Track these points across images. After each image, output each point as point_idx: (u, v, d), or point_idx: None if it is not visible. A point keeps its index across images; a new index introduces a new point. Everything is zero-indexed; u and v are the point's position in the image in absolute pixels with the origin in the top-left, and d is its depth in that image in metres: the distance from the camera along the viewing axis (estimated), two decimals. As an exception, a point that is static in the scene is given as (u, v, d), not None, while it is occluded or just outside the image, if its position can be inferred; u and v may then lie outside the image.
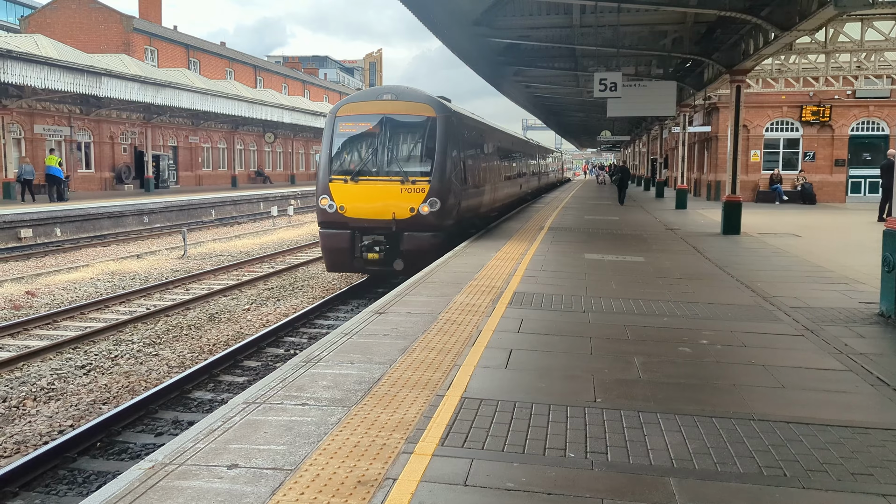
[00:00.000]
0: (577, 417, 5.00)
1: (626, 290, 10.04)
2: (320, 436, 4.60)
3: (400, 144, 14.11)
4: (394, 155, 13.92)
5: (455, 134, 14.53)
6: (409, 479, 3.99)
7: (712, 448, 4.51)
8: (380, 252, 13.75)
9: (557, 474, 4.12)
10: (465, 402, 5.27)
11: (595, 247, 15.18)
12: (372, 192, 13.77)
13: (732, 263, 12.92)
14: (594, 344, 7.06)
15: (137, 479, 3.98)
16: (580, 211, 26.73)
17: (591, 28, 20.02)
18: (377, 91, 14.94)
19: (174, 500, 3.74)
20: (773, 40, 15.43)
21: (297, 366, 6.17)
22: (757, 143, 33.64)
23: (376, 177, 13.82)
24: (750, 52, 17.36)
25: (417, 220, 13.62)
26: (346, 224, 13.91)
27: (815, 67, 24.80)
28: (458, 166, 14.55)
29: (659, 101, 22.03)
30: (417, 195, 13.62)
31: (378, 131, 14.01)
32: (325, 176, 14.00)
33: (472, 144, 16.71)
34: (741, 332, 7.67)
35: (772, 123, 33.70)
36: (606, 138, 55.37)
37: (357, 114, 14.36)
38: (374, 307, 8.70)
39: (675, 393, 5.59)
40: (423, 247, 13.63)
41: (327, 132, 14.32)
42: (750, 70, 19.34)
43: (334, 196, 13.88)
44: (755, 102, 32.52)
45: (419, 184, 13.64)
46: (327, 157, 14.15)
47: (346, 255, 14.05)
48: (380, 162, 13.91)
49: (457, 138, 14.64)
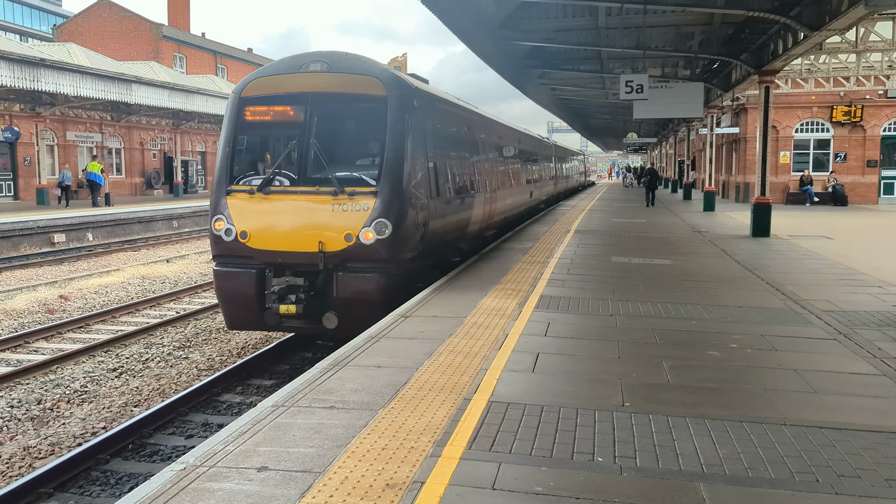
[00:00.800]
0: (605, 422, 4.98)
1: (653, 293, 9.97)
2: (348, 439, 4.63)
3: (334, 138, 9.62)
4: (324, 154, 9.28)
5: (420, 123, 10.00)
6: (438, 483, 4.01)
7: (743, 453, 4.46)
8: (299, 302, 9.05)
9: (586, 479, 4.10)
10: (493, 406, 5.27)
11: (622, 250, 15.09)
12: (289, 212, 9.21)
13: (762, 266, 12.76)
14: (622, 347, 7.01)
15: (169, 480, 4.04)
16: (607, 214, 26.58)
17: (616, 30, 19.93)
18: (301, 59, 9.96)
19: (205, 501, 3.79)
20: (802, 40, 15.23)
21: (325, 369, 6.21)
22: (786, 144, 33.23)
23: (297, 188, 9.29)
24: (779, 52, 17.16)
25: (358, 253, 9.05)
26: (250, 259, 9.30)
27: (846, 67, 24.43)
28: (425, 170, 10.04)
29: (686, 103, 21.87)
30: (358, 215, 9.05)
31: (301, 118, 9.51)
32: (220, 188, 9.55)
33: (451, 140, 12.37)
34: (772, 335, 7.58)
35: (801, 124, 33.26)
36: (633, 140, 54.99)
37: (271, 93, 9.77)
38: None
39: (704, 397, 5.54)
40: (367, 294, 9.15)
41: (227, 122, 9.83)
42: (779, 70, 19.11)
43: (234, 217, 9.31)
44: (784, 103, 32.12)
45: (360, 197, 9.10)
46: (226, 158, 9.65)
47: (251, 306, 9.38)
48: (302, 165, 9.42)
49: (423, 129, 10.14)
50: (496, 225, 17.22)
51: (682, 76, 25.67)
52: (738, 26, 19.60)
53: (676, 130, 45.39)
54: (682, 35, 21.70)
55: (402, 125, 9.51)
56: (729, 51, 20.51)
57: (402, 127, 9.52)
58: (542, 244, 15.87)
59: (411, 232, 9.53)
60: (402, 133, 9.50)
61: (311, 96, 9.54)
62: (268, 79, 9.90)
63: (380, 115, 9.45)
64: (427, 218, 9.98)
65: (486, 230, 15.72)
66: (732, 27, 19.95)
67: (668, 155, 59.04)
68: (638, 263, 12.98)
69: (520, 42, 21.18)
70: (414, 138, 9.69)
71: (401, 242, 9.28)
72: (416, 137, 9.75)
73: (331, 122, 9.62)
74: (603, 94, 33.82)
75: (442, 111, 12.08)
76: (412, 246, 9.64)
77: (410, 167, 9.51)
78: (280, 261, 9.22)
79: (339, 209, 9.13)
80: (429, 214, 10.06)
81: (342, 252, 9.09)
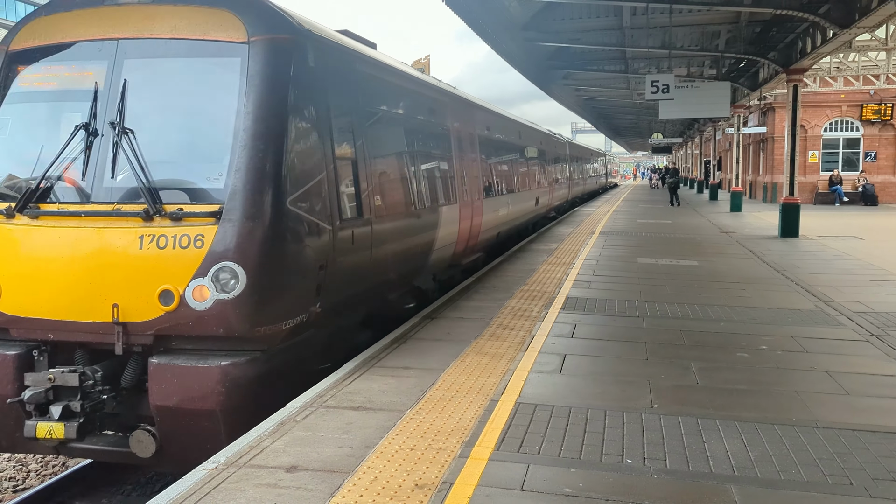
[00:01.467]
0: (633, 423, 4.95)
1: (681, 294, 9.89)
2: (377, 439, 4.66)
3: (153, 117, 5.86)
4: (133, 145, 5.66)
5: (318, 94, 6.37)
6: (466, 484, 4.01)
7: (775, 455, 4.41)
8: (71, 417, 5.38)
9: (615, 480, 4.08)
10: (520, 408, 5.26)
11: (648, 251, 14.98)
12: (66, 249, 5.54)
13: (791, 267, 12.60)
14: (649, 349, 6.97)
15: (202, 479, 4.09)
16: (632, 215, 26.41)
17: (641, 30, 19.81)
18: None
19: (236, 500, 3.83)
20: (831, 38, 15.03)
21: (353, 370, 6.25)
22: (815, 143, 32.79)
23: (82, 206, 5.65)
24: (807, 50, 16.95)
25: (186, 324, 5.45)
26: (3, 332, 5.75)
27: (876, 65, 24.09)
28: (327, 173, 6.31)
29: (712, 102, 21.64)
30: (184, 255, 5.40)
31: (100, 84, 5.88)
32: None
33: (394, 126, 8.60)
34: (802, 337, 7.48)
35: (830, 123, 32.80)
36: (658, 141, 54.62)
37: (57, 41, 6.08)
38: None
39: (734, 399, 5.49)
40: (204, 399, 5.38)
41: None
42: (807, 69, 18.88)
43: None
44: (813, 102, 31.70)
45: (191, 222, 5.47)
46: None
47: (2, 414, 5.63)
48: (95, 166, 5.75)
49: (326, 105, 6.46)
50: (485, 244, 13.50)
51: (709, 75, 25.44)
52: (765, 25, 19.39)
53: (702, 130, 44.99)
54: (709, 34, 21.51)
55: (277, 94, 5.71)
56: (756, 50, 20.29)
57: (278, 97, 5.72)
58: (567, 245, 15.81)
59: (291, 282, 5.77)
60: (278, 107, 5.71)
61: (118, 46, 5.85)
62: (53, 19, 6.08)
63: (233, 76, 5.68)
64: (330, 253, 6.23)
65: (467, 254, 12.02)
66: (760, 26, 19.74)
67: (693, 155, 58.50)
68: (665, 265, 12.88)
69: (544, 43, 21.14)
70: (303, 117, 6.06)
71: (267, 303, 5.52)
72: (308, 116, 6.13)
73: (148, 90, 5.85)
74: (628, 95, 33.64)
75: (378, 82, 8.12)
76: (296, 306, 5.87)
77: (292, 167, 5.77)
78: (52, 337, 5.55)
79: (152, 244, 5.35)
80: (334, 246, 6.29)
81: (157, 322, 5.37)
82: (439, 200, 9.87)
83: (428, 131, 10.14)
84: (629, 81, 29.09)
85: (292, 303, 5.83)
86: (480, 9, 16.82)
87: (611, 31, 20.76)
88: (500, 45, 20.38)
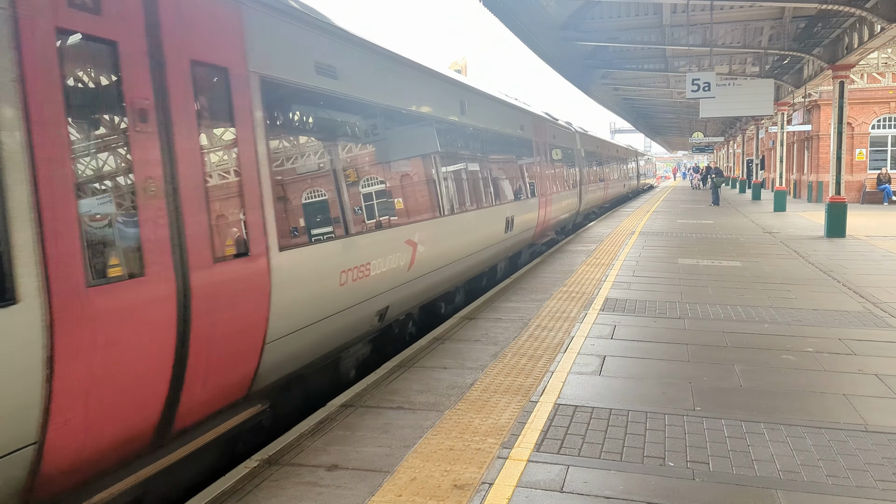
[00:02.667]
0: (675, 426, 4.87)
1: (723, 295, 9.71)
2: (415, 439, 4.66)
3: None
4: None
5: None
6: (506, 484, 3.99)
7: (822, 460, 4.30)
8: None
9: (657, 483, 4.02)
10: (559, 409, 5.22)
11: (689, 251, 14.76)
12: None
13: (838, 268, 12.29)
14: (691, 351, 6.86)
15: (244, 477, 4.15)
16: (672, 215, 26.04)
17: (682, 27, 19.53)
18: None
19: (278, 498, 3.87)
20: (878, 33, 14.64)
21: (391, 370, 6.27)
22: (862, 141, 31.94)
23: None
24: (854, 45, 16.54)
25: None
26: None
27: (926, 60, 23.38)
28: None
29: (755, 100, 21.21)
30: None
31: None
32: None
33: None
34: (850, 339, 7.29)
35: (878, 120, 31.92)
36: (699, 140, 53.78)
37: None
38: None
39: (779, 402, 5.36)
40: None
41: None
42: (854, 65, 18.40)
43: None
44: (860, 98, 30.91)
45: None
46: None
47: None
48: None
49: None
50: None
51: (751, 73, 24.99)
52: (810, 20, 18.97)
53: (744, 129, 44.18)
54: (751, 31, 21.12)
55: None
56: (800, 46, 19.86)
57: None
58: (605, 246, 15.66)
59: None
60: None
61: None
62: None
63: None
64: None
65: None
66: (804, 21, 19.32)
67: (735, 154, 57.47)
68: (706, 265, 12.67)
69: (582, 42, 20.96)
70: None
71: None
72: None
73: None
74: (668, 93, 33.21)
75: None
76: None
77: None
78: None
79: None
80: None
81: None
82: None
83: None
84: (669, 80, 28.69)
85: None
86: (518, 9, 16.76)
87: (650, 29, 20.50)
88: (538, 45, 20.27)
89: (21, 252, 2.99)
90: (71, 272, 3.21)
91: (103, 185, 3.63)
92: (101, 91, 3.66)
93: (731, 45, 21.66)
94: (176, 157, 3.99)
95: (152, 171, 3.82)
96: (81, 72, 3.53)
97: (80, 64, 3.52)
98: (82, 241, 3.32)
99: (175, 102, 4.01)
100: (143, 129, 3.78)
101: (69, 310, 3.20)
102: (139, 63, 3.79)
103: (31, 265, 3.04)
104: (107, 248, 3.55)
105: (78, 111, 3.48)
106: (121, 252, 3.64)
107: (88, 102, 3.59)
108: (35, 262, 3.05)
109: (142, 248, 3.70)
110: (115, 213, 3.64)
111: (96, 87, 3.63)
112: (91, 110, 3.61)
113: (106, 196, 3.63)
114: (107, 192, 3.64)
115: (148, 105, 3.82)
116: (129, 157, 3.71)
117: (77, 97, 3.47)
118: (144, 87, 3.81)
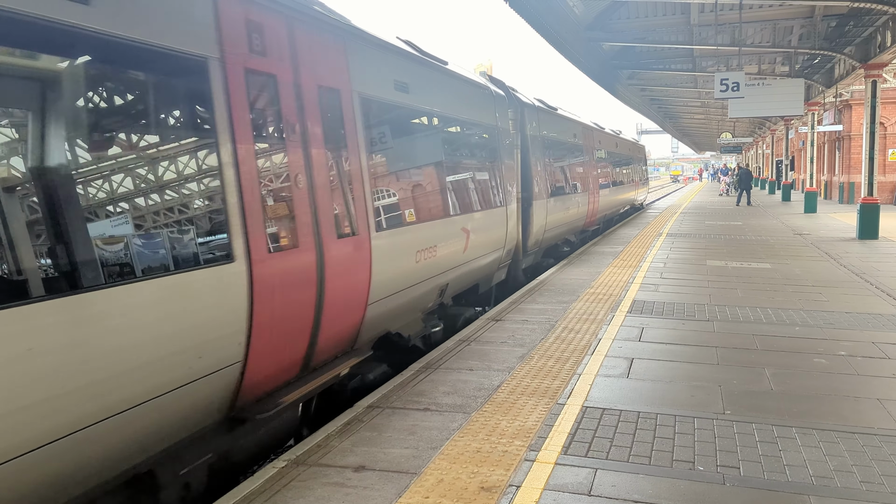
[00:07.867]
0: (705, 429, 4.82)
1: (752, 298, 9.59)
2: (442, 441, 4.66)
3: None
4: None
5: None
6: (533, 487, 3.98)
7: (856, 465, 4.22)
8: None
9: (686, 488, 3.98)
10: (587, 411, 5.19)
11: (717, 253, 14.60)
12: None
13: (871, 270, 12.07)
14: (720, 354, 6.78)
15: (272, 477, 4.18)
16: (700, 216, 25.78)
17: (710, 27, 19.33)
18: None
19: (306, 498, 3.89)
20: (913, 30, 14.37)
21: (418, 371, 6.28)
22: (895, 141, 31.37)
23: None
24: (887, 44, 16.25)
25: None
26: None
27: (962, 58, 22.86)
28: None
29: (785, 100, 20.96)
30: None
31: None
32: None
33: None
34: (884, 342, 7.15)
35: (912, 119, 31.32)
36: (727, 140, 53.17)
37: None
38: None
39: (811, 406, 5.28)
40: None
41: None
42: (887, 64, 18.06)
43: None
44: (892, 98, 30.35)
45: None
46: None
47: None
48: None
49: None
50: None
51: (781, 73, 24.63)
52: (841, 19, 18.67)
53: (774, 129, 43.59)
54: (781, 30, 20.84)
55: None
56: (831, 45, 19.56)
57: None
58: (632, 248, 15.55)
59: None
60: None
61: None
62: None
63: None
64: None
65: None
66: (835, 20, 19.02)
67: (764, 155, 56.71)
68: (735, 267, 12.52)
69: (608, 43, 20.84)
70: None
71: None
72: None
73: None
74: (695, 94, 32.86)
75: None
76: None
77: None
78: None
79: None
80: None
81: None
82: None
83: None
84: (697, 80, 28.42)
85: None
86: (544, 9, 16.70)
87: (678, 29, 20.31)
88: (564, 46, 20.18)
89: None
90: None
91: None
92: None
93: (760, 44, 21.39)
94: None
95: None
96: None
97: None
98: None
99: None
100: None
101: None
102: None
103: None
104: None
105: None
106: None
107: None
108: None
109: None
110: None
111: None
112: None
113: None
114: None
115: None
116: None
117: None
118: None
